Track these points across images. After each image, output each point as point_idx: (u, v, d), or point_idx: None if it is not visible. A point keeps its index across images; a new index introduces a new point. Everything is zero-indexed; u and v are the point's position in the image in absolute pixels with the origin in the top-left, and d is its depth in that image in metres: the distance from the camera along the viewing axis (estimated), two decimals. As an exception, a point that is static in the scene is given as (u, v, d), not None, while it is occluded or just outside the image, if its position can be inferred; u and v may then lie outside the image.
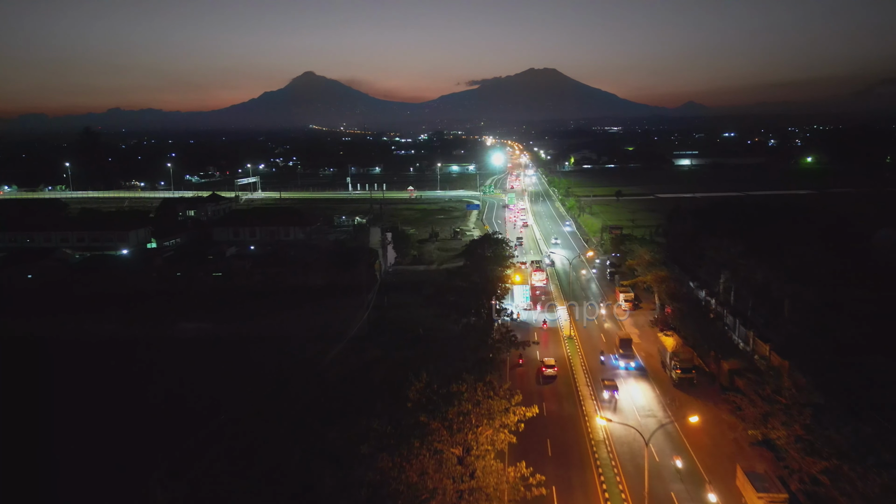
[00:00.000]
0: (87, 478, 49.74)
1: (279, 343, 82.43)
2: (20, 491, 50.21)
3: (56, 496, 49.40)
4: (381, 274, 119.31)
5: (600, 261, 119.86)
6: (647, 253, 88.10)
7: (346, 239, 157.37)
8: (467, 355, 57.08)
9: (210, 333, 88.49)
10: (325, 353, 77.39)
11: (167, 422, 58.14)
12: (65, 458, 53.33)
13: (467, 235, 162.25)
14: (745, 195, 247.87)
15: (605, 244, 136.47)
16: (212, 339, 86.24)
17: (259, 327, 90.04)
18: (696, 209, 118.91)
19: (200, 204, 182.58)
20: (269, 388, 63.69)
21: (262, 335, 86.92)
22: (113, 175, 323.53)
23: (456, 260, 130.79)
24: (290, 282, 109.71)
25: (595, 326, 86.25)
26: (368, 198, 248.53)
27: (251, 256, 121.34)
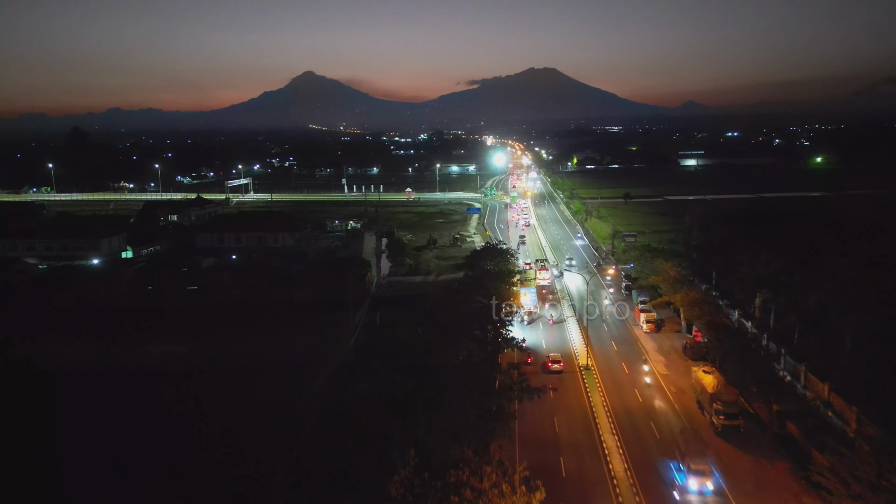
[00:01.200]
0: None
1: (254, 373, 72.14)
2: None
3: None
4: (374, 286, 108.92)
5: (614, 269, 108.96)
6: (673, 268, 77.61)
7: (338, 246, 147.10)
8: (467, 405, 46.58)
9: (177, 359, 78.14)
10: (306, 386, 66.98)
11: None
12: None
13: (468, 242, 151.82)
14: (757, 197, 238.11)
15: (617, 253, 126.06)
16: (178, 366, 75.96)
17: (234, 352, 79.72)
18: (723, 216, 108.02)
19: (183, 208, 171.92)
20: (233, 441, 53.21)
21: (237, 362, 76.68)
22: (101, 176, 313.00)
23: (455, 270, 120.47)
24: (272, 296, 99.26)
25: (614, 353, 75.50)
26: (363, 200, 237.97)
27: (230, 268, 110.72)
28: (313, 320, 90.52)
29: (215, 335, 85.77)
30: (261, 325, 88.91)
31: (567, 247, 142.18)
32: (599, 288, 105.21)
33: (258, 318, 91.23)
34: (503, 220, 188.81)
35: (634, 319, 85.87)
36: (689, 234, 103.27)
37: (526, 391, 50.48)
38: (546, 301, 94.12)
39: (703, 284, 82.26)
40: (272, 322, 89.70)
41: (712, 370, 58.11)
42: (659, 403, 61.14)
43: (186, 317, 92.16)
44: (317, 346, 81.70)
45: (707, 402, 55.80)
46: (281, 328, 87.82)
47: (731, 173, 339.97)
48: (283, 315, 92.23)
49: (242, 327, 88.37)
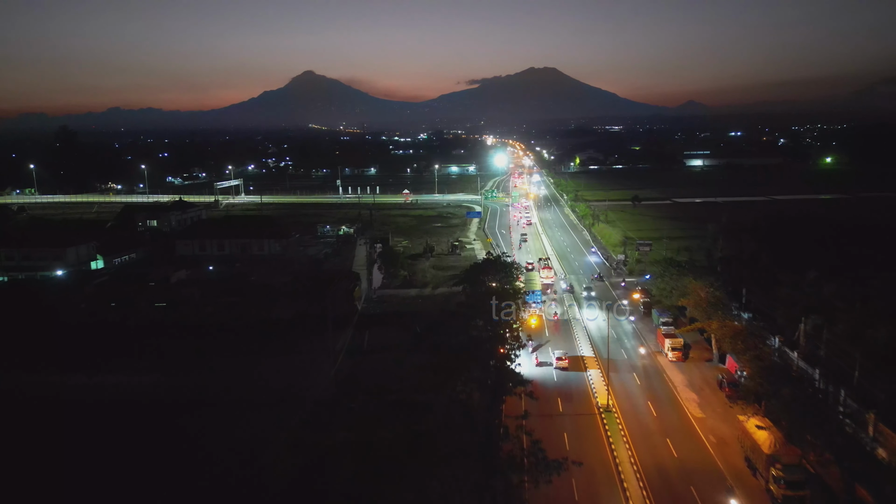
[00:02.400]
0: None
1: (219, 413, 61.72)
2: None
3: None
4: (362, 301, 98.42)
5: (638, 292, 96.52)
6: (703, 288, 67.15)
7: (327, 254, 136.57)
8: (463, 483, 36.13)
9: (130, 391, 67.78)
10: (275, 435, 56.57)
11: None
12: None
13: (467, 249, 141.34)
14: (770, 200, 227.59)
15: (630, 263, 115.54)
16: (135, 397, 65.68)
17: (198, 384, 69.30)
18: (748, 224, 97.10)
19: (163, 212, 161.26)
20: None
21: (202, 394, 66.31)
22: (89, 177, 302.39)
23: (453, 281, 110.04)
24: (248, 314, 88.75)
25: (637, 388, 64.81)
26: (358, 202, 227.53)
27: (203, 282, 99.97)
28: (293, 343, 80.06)
29: (180, 362, 75.39)
30: (232, 350, 78.41)
31: (579, 263, 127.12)
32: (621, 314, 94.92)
33: (230, 340, 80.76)
34: (505, 224, 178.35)
35: (657, 344, 75.40)
36: (713, 244, 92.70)
37: (541, 467, 39.54)
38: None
39: (733, 303, 71.51)
40: (245, 346, 79.20)
41: (767, 424, 47.47)
42: (698, 459, 50.56)
43: (151, 339, 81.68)
44: (294, 375, 71.32)
45: (762, 465, 45.28)
46: (255, 353, 77.34)
47: (738, 174, 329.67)
48: (259, 337, 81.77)
49: (212, 352, 77.93)
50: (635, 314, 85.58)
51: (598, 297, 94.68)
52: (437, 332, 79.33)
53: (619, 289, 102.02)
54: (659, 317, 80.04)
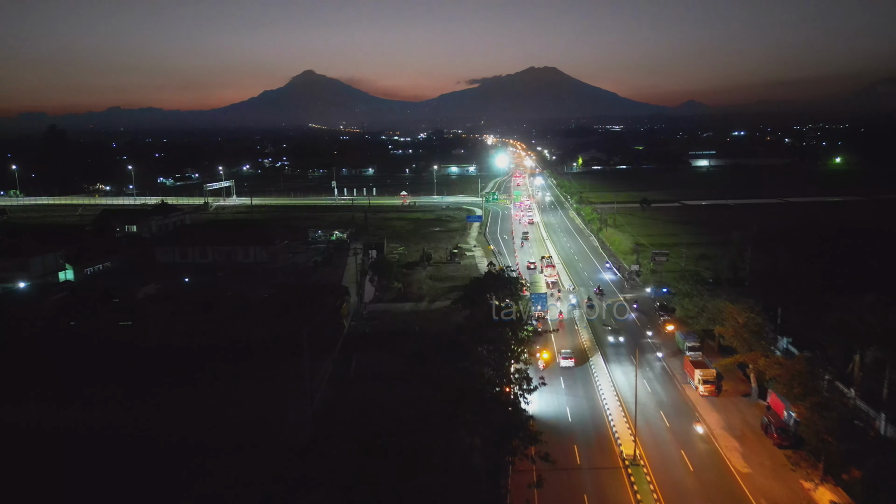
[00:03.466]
0: None
1: (172, 462, 52.50)
2: None
3: None
4: (350, 319, 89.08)
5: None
6: (741, 313, 57.67)
7: (317, 262, 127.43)
8: None
9: (74, 427, 58.60)
10: (236, 494, 47.38)
11: None
12: None
13: (467, 257, 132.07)
14: (783, 202, 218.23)
15: (645, 274, 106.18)
16: (76, 438, 56.48)
17: (153, 421, 60.05)
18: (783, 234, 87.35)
19: (143, 217, 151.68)
20: None
21: (158, 435, 57.11)
22: (78, 178, 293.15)
23: (452, 293, 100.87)
24: (224, 333, 79.48)
25: (666, 431, 55.35)
26: (351, 205, 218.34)
27: (175, 297, 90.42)
28: (270, 369, 70.77)
29: (141, 392, 66.12)
30: (201, 377, 69.17)
31: (589, 274, 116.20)
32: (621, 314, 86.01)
33: (199, 365, 71.49)
34: (507, 228, 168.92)
35: (684, 373, 66.10)
36: (738, 255, 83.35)
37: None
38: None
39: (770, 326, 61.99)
40: (217, 371, 69.92)
41: (846, 502, 38.16)
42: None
43: (111, 363, 72.42)
44: (268, 409, 62.08)
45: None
46: (226, 381, 68.08)
47: (746, 175, 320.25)
48: (233, 361, 72.47)
49: (177, 379, 68.64)
50: (663, 349, 72.58)
51: (611, 322, 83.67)
52: (433, 358, 70.37)
53: (640, 314, 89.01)
54: (684, 340, 70.63)
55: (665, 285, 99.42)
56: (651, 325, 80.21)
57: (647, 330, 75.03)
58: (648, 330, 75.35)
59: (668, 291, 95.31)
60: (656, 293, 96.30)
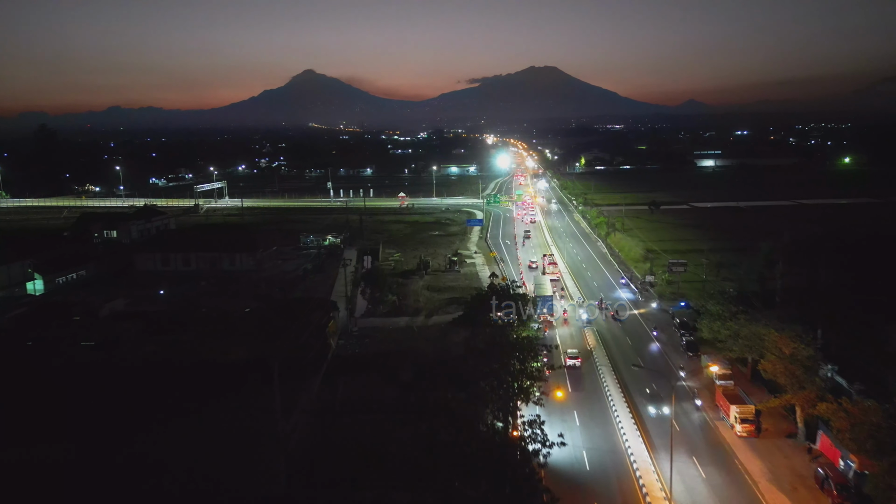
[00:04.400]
0: None
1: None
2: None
3: None
4: (340, 335, 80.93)
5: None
6: (789, 342, 49.23)
7: (307, 270, 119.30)
8: None
9: (22, 466, 50.55)
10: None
11: None
12: None
13: (467, 264, 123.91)
14: (796, 203, 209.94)
15: (660, 285, 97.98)
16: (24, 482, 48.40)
17: (105, 461, 51.96)
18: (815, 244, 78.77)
19: (122, 222, 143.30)
20: None
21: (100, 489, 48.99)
22: (67, 179, 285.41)
23: (451, 307, 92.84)
24: (197, 354, 71.42)
25: (702, 483, 47.01)
26: (344, 207, 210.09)
27: (144, 313, 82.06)
28: (246, 398, 62.50)
29: (95, 428, 57.94)
30: (166, 409, 60.93)
31: (599, 284, 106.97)
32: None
33: (166, 394, 63.30)
34: (510, 233, 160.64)
35: (715, 406, 57.94)
36: (769, 267, 75.19)
37: None
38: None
39: (819, 354, 53.71)
40: (182, 404, 61.69)
41: None
42: None
43: (65, 392, 64.29)
44: (233, 457, 53.79)
45: None
46: (193, 416, 59.87)
47: (754, 175, 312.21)
48: (203, 389, 64.28)
49: (140, 412, 60.45)
50: (701, 397, 60.61)
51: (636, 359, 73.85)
52: (429, 385, 62.36)
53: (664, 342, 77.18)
54: (711, 364, 62.46)
55: (683, 298, 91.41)
56: (681, 359, 71.19)
57: (677, 366, 64.74)
58: (681, 369, 65.45)
59: (687, 305, 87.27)
60: (675, 307, 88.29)
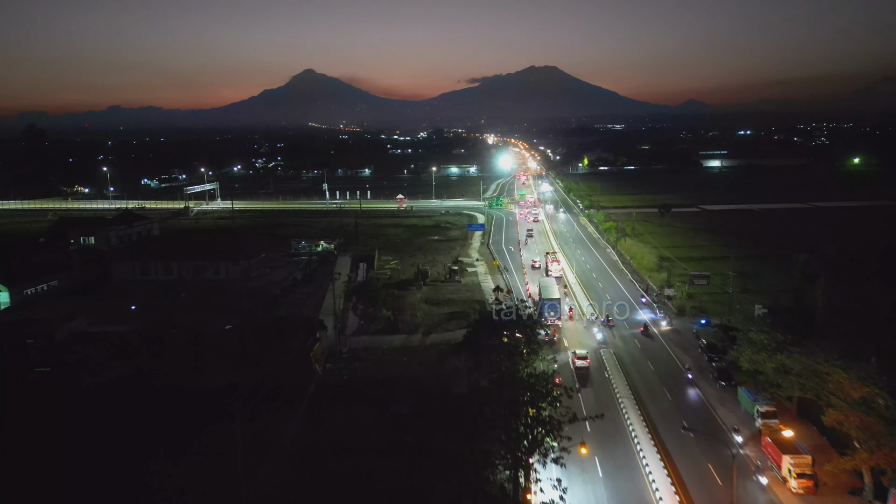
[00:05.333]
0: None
1: None
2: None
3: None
4: (328, 358, 72.67)
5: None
6: (860, 386, 40.51)
7: (296, 280, 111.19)
8: None
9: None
10: None
11: None
12: None
13: (469, 273, 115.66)
14: (811, 206, 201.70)
15: (679, 299, 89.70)
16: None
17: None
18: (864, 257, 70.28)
19: (101, 227, 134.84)
20: None
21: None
22: (56, 180, 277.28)
23: (452, 325, 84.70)
24: (166, 380, 63.29)
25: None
26: (339, 209, 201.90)
27: (105, 336, 73.42)
28: (205, 447, 53.89)
29: (41, 476, 49.75)
30: (126, 450, 52.70)
31: (613, 296, 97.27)
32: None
33: (125, 430, 55.03)
34: (513, 238, 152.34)
35: (761, 452, 49.70)
36: (810, 282, 67.00)
37: None
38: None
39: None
40: (145, 444, 53.46)
41: None
42: None
43: (17, 427, 56.07)
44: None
45: None
46: (157, 460, 51.58)
47: (761, 176, 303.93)
48: (170, 421, 56.01)
49: (96, 454, 52.26)
50: (763, 470, 47.86)
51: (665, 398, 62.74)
52: (428, 424, 54.30)
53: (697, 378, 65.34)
54: (753, 402, 54.19)
55: (704, 313, 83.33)
56: (711, 387, 62.54)
57: (762, 476, 52.22)
58: (736, 431, 54.33)
59: (709, 323, 79.09)
60: (695, 324, 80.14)
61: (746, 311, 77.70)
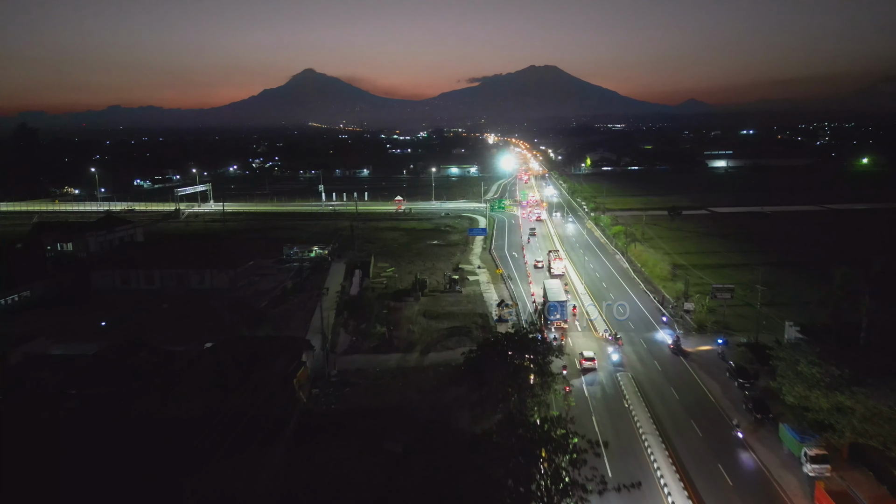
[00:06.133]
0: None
1: None
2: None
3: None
4: (313, 385, 65.51)
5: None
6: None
7: (287, 290, 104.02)
8: None
9: None
10: None
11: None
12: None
13: (470, 282, 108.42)
14: (825, 209, 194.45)
15: (700, 313, 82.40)
16: None
17: None
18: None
19: (79, 233, 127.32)
20: None
21: None
22: (46, 181, 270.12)
23: (452, 342, 77.54)
24: (131, 413, 56.14)
25: None
26: (333, 212, 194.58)
27: (64, 361, 65.92)
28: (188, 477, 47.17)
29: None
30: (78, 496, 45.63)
31: (626, 311, 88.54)
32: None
33: (77, 474, 48.01)
34: (517, 243, 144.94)
35: (805, 493, 42.64)
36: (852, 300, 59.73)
37: None
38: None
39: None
40: (101, 492, 46.40)
41: None
42: None
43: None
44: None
45: None
46: None
47: (770, 177, 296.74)
48: (131, 466, 48.95)
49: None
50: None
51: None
52: (425, 464, 47.33)
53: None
54: (799, 443, 46.97)
55: (726, 330, 76.24)
56: (743, 418, 54.81)
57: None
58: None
59: (725, 342, 71.79)
60: (713, 342, 72.97)
61: (775, 328, 70.58)
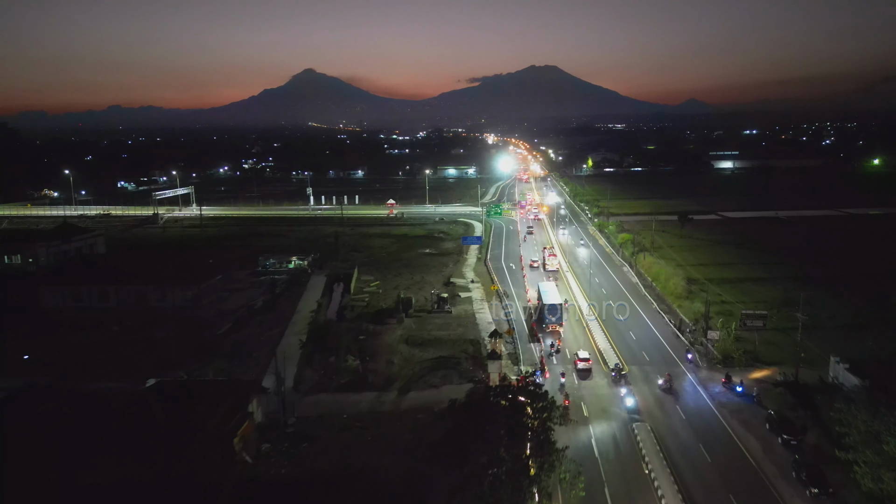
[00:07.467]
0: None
1: None
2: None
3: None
4: (263, 439, 54.23)
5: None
6: None
7: (254, 309, 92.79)
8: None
9: None
10: None
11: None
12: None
13: (462, 300, 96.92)
14: (843, 214, 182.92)
15: (726, 342, 70.85)
16: None
17: None
18: None
19: (28, 244, 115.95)
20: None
21: None
22: (27, 183, 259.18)
23: (436, 377, 66.30)
24: (33, 480, 44.90)
25: None
26: (335, 217, 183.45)
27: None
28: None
29: None
30: None
31: (639, 338, 78.06)
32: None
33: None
34: (514, 252, 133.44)
35: None
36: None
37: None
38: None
39: None
40: None
41: None
42: None
43: None
44: None
45: None
46: None
47: (777, 178, 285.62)
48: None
49: None
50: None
51: None
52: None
53: None
54: None
55: (754, 365, 65.05)
56: (796, 492, 43.48)
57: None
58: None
59: (744, 390, 59.93)
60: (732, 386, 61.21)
61: (814, 360, 59.53)
